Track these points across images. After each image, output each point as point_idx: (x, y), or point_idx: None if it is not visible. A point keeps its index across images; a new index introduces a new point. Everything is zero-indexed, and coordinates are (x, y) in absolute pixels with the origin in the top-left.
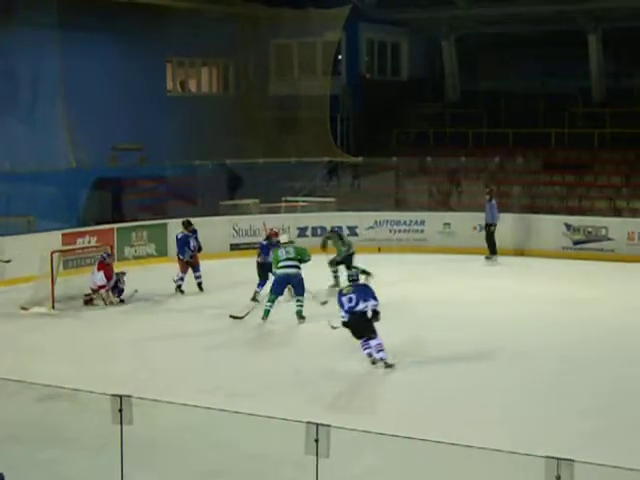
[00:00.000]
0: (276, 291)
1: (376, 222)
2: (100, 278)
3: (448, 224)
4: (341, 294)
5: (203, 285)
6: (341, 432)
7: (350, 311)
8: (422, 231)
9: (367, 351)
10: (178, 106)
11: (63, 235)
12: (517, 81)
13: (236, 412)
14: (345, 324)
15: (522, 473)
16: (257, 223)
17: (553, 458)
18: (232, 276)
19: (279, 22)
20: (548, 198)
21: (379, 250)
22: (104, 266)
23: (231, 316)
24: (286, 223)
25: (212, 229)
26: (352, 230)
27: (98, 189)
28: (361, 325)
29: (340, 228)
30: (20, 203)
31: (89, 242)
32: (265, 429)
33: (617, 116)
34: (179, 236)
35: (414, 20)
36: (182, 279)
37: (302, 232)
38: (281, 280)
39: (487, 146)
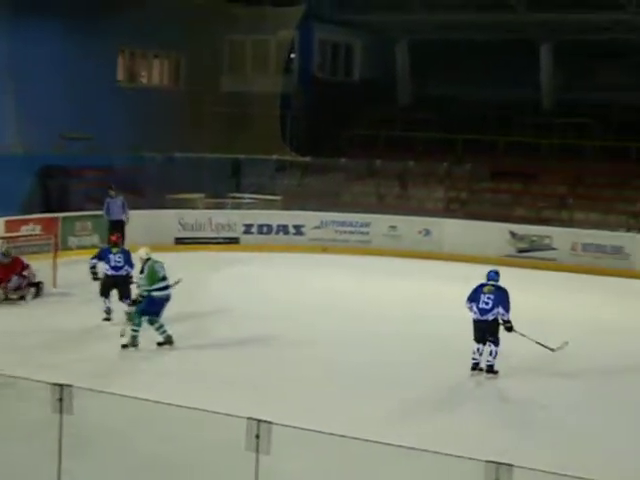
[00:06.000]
0: (155, 312)
1: (322, 222)
2: None
3: (394, 227)
4: (481, 290)
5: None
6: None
7: (482, 312)
8: (367, 233)
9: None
10: (128, 97)
11: (6, 222)
12: (468, 88)
13: (180, 405)
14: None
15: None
16: (203, 218)
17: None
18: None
19: (234, 18)
20: (494, 205)
21: (324, 250)
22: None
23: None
24: (232, 219)
25: (158, 222)
26: (298, 229)
27: (44, 177)
28: (488, 328)
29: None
30: None
31: (33, 230)
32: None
33: (565, 127)
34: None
35: (369, 23)
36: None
37: (248, 229)
38: (161, 302)
39: (436, 151)
